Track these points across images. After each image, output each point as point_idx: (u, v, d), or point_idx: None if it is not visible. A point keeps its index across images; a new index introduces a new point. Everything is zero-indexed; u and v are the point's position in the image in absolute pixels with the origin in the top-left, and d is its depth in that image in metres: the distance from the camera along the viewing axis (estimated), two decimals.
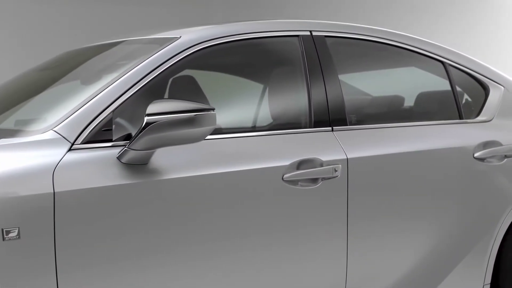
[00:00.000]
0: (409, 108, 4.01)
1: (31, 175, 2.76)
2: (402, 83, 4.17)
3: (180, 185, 3.03)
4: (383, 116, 3.90)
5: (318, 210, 3.34)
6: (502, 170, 3.88)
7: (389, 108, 4.00)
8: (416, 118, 3.93)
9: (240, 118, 3.54)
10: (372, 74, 4.11)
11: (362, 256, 3.45)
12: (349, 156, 3.44)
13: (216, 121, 2.93)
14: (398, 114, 3.95)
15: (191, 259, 3.05)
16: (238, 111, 3.54)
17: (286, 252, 3.26)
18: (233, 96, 3.56)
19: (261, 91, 3.81)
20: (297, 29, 3.62)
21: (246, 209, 3.17)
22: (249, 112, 3.58)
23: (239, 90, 3.60)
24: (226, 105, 3.49)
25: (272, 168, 3.24)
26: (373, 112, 3.91)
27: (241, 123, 3.53)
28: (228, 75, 3.70)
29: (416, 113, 4.01)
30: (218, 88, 3.54)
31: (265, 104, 3.66)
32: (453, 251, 3.72)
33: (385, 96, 4.07)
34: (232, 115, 3.51)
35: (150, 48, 3.32)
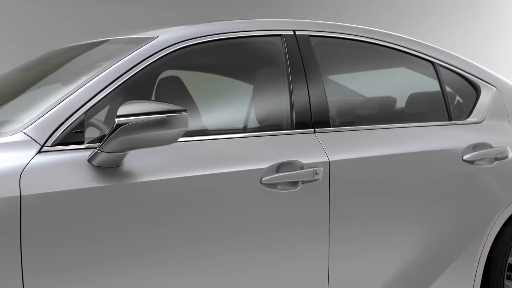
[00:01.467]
0: (397, 110, 3.92)
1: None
2: (390, 84, 4.08)
3: (153, 189, 2.96)
4: (369, 117, 3.81)
5: (299, 214, 3.26)
6: (492, 173, 3.78)
7: (376, 109, 3.91)
8: (404, 120, 3.84)
9: (219, 120, 3.46)
10: (359, 74, 4.02)
11: (344, 260, 3.37)
12: (331, 158, 3.35)
13: (188, 122, 2.86)
14: (385, 116, 3.86)
15: (164, 263, 2.98)
16: (217, 112, 3.46)
17: (264, 256, 3.18)
18: (211, 97, 3.49)
19: (241, 92, 3.74)
20: (279, 28, 3.54)
21: (222, 212, 3.09)
22: (228, 113, 3.50)
23: (217, 91, 3.53)
24: (204, 106, 3.42)
25: (250, 171, 3.16)
26: (358, 113, 3.83)
27: (220, 124, 3.45)
28: (207, 76, 3.62)
29: (404, 114, 3.92)
30: (196, 88, 3.47)
31: (245, 105, 3.59)
32: (442, 255, 3.63)
33: (372, 98, 3.98)
34: (210, 117, 3.43)
35: (127, 48, 3.26)
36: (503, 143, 3.85)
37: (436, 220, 3.61)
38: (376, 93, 3.98)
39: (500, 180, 3.79)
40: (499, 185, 3.79)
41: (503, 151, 3.82)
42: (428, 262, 3.59)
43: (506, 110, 3.98)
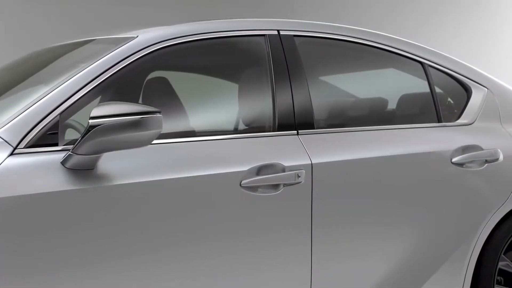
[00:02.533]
0: (384, 111, 3.84)
1: None
2: (378, 85, 4.00)
3: (128, 191, 2.91)
4: (355, 119, 3.74)
5: (280, 217, 3.19)
6: (482, 175, 3.70)
7: (363, 111, 3.84)
8: (392, 122, 3.76)
9: (199, 121, 3.40)
10: (346, 75, 3.94)
11: (328, 263, 3.30)
12: (314, 161, 3.28)
13: (162, 124, 2.80)
14: (372, 118, 3.78)
15: (140, 267, 2.93)
16: (196, 114, 3.40)
17: (244, 259, 3.12)
18: (192, 98, 3.42)
19: (223, 93, 3.68)
20: (263, 28, 3.47)
21: (200, 216, 3.03)
22: (208, 115, 3.43)
23: (198, 92, 3.46)
24: (184, 108, 3.36)
25: (229, 174, 3.10)
26: (344, 115, 3.76)
27: (200, 126, 3.39)
28: (187, 76, 3.56)
29: (392, 116, 3.84)
30: (176, 90, 3.41)
31: (226, 107, 3.53)
32: (430, 258, 3.55)
33: (359, 99, 3.90)
34: (190, 118, 3.37)
35: (106, 48, 3.20)
36: (494, 145, 3.77)
37: (424, 223, 3.53)
38: (363, 94, 3.91)
39: (490, 183, 3.71)
40: (489, 188, 3.71)
41: (493, 153, 3.73)
42: (416, 266, 3.52)
43: (497, 112, 3.90)
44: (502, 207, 3.70)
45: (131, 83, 3.56)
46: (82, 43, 3.55)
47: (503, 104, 3.94)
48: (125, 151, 2.91)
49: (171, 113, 3.31)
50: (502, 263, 3.75)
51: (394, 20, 9.18)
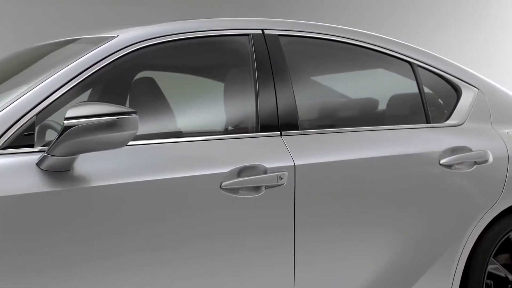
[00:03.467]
0: (371, 112, 3.78)
1: None
2: (365, 85, 3.94)
3: (106, 194, 2.86)
4: (341, 120, 3.68)
5: (262, 219, 3.14)
6: (471, 177, 3.63)
7: (349, 112, 3.78)
8: (379, 123, 3.69)
9: (179, 122, 3.35)
10: (332, 75, 3.88)
11: (311, 265, 3.25)
12: (297, 162, 3.23)
13: (138, 125, 2.76)
14: (358, 119, 3.72)
15: (119, 271, 2.88)
16: (177, 114, 3.35)
17: (224, 262, 3.07)
18: (172, 98, 3.37)
19: (204, 94, 3.62)
20: (247, 27, 3.42)
21: (179, 218, 2.99)
22: (189, 115, 3.38)
23: (179, 92, 3.41)
24: (163, 108, 3.31)
25: (209, 176, 3.05)
26: (330, 116, 3.70)
27: (180, 127, 3.34)
28: (168, 76, 3.51)
29: (379, 117, 3.78)
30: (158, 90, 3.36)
31: (208, 108, 3.47)
32: (417, 261, 3.50)
33: (345, 100, 3.84)
34: (169, 119, 3.32)
35: (86, 48, 3.16)
36: (484, 146, 3.71)
37: (411, 226, 3.47)
38: (350, 95, 3.85)
39: (480, 185, 3.65)
40: (478, 190, 3.64)
41: (483, 155, 3.67)
42: (402, 269, 3.46)
43: (488, 112, 3.84)
44: (491, 209, 3.64)
45: (111, 82, 3.52)
46: (65, 43, 3.51)
47: (493, 104, 3.87)
48: (103, 152, 2.86)
49: (154, 114, 3.27)
50: (491, 266, 3.69)
51: (394, 21, 9.12)
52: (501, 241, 3.71)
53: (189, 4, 8.32)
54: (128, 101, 3.48)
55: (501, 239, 3.70)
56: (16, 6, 7.43)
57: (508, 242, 3.74)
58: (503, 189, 3.67)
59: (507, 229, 3.72)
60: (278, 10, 8.69)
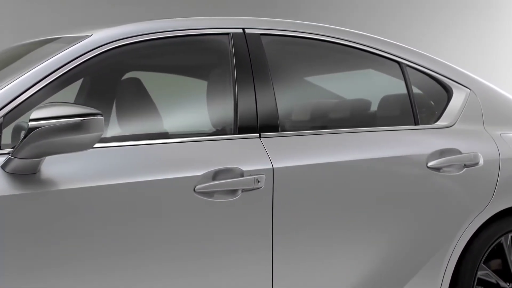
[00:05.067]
0: (356, 114, 3.68)
1: None
2: (351, 86, 3.84)
3: (74, 197, 2.79)
4: (324, 122, 3.59)
5: (238, 223, 3.05)
6: (460, 180, 3.52)
7: (333, 113, 3.67)
8: (363, 124, 3.58)
9: (153, 123, 3.26)
10: (316, 76, 3.77)
11: (290, 270, 3.16)
12: (276, 165, 3.14)
13: (103, 127, 2.69)
14: (342, 120, 3.62)
15: (84, 276, 2.80)
16: (151, 116, 3.27)
17: (198, 266, 2.99)
18: (146, 99, 3.29)
19: (182, 94, 3.53)
20: (227, 26, 3.33)
21: (151, 222, 2.91)
22: (164, 116, 3.30)
23: (155, 93, 3.32)
24: (137, 109, 3.24)
25: (181, 179, 2.97)
26: (312, 117, 3.59)
27: (155, 128, 3.25)
28: (144, 76, 3.43)
29: (363, 118, 3.67)
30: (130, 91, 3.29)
31: (185, 108, 3.39)
32: (403, 266, 3.39)
33: (329, 101, 3.74)
34: (143, 120, 3.24)
35: (58, 47, 3.09)
36: (474, 148, 3.59)
37: (396, 230, 3.37)
38: (334, 96, 3.75)
39: (469, 188, 3.54)
40: (467, 194, 3.53)
41: (473, 157, 3.56)
42: (387, 274, 3.36)
43: (480, 113, 3.72)
44: (481, 214, 3.53)
45: (86, 82, 3.45)
46: (43, 42, 3.44)
47: (486, 105, 3.76)
48: (73, 154, 2.80)
49: (128, 115, 3.20)
50: (481, 272, 3.57)
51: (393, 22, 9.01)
52: (492, 246, 3.59)
53: (194, 4, 8.26)
54: (115, 103, 3.40)
55: (492, 244, 3.59)
56: (17, 5, 7.40)
57: (500, 247, 3.63)
58: (494, 193, 3.56)
59: (498, 234, 3.60)
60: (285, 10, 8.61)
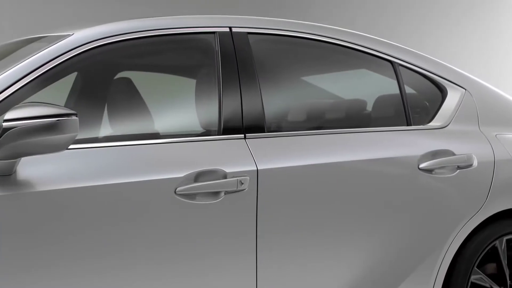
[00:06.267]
0: (344, 114, 3.60)
1: None
2: (341, 86, 3.76)
3: (50, 199, 2.74)
4: (311, 122, 3.51)
5: (221, 225, 2.99)
6: (453, 182, 3.44)
7: (321, 114, 3.59)
8: (353, 125, 3.49)
9: (136, 123, 3.21)
10: (304, 75, 3.69)
11: (275, 272, 3.09)
12: (260, 167, 3.08)
13: (78, 127, 2.64)
14: (331, 121, 3.54)
15: (61, 278, 2.75)
16: (134, 116, 3.21)
17: (179, 269, 2.94)
18: (128, 99, 3.24)
19: (165, 94, 3.47)
20: (213, 25, 3.27)
21: (130, 225, 2.86)
22: (147, 116, 3.24)
23: (136, 93, 3.27)
24: (118, 109, 3.19)
25: (162, 180, 2.91)
26: (300, 118, 3.52)
27: (137, 129, 3.20)
28: (127, 76, 3.37)
29: (354, 119, 3.59)
30: (113, 90, 3.23)
31: (168, 108, 3.33)
32: (394, 270, 3.32)
33: (317, 101, 3.67)
34: (124, 120, 3.19)
35: (40, 46, 3.04)
36: (469, 150, 3.51)
37: (386, 233, 3.30)
38: (323, 96, 3.67)
39: (462, 191, 3.45)
40: (461, 196, 3.45)
41: (466, 159, 3.47)
42: (377, 278, 3.29)
43: (475, 114, 3.63)
44: (474, 217, 3.45)
45: (76, 82, 3.41)
46: (27, 41, 3.40)
47: (482, 105, 3.67)
48: (50, 155, 2.75)
49: (113, 115, 3.16)
50: (475, 276, 3.49)
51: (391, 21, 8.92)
52: (486, 249, 3.51)
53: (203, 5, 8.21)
54: (106, 104, 3.35)
55: (486, 248, 3.50)
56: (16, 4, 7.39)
57: (495, 251, 3.54)
58: (488, 195, 3.47)
59: (493, 237, 3.52)
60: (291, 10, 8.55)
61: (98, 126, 3.15)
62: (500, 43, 9.22)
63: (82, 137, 2.95)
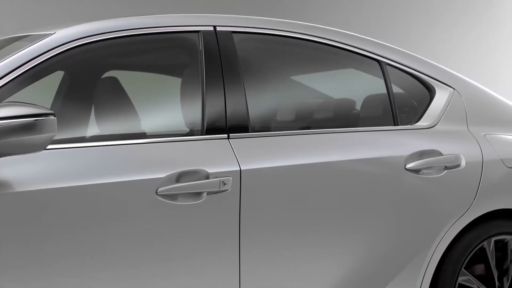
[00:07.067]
0: (331, 114, 3.56)
1: None
2: (327, 85, 3.73)
3: (30, 200, 2.71)
4: (297, 122, 3.48)
5: (203, 226, 2.97)
6: (440, 183, 3.40)
7: (306, 113, 3.56)
8: (339, 125, 3.45)
9: (118, 124, 3.18)
10: (290, 75, 3.66)
11: (258, 273, 3.07)
12: (244, 167, 3.05)
13: (56, 127, 2.61)
14: (316, 120, 3.51)
15: (40, 280, 2.73)
16: (115, 116, 3.18)
17: (160, 270, 2.91)
18: (112, 98, 3.21)
19: (148, 94, 3.44)
20: (197, 24, 3.24)
21: (111, 226, 2.83)
22: (129, 116, 3.21)
23: (119, 92, 3.24)
24: (101, 109, 3.16)
25: (143, 181, 2.88)
26: (285, 118, 3.49)
27: (119, 129, 3.17)
28: (109, 75, 3.35)
29: (340, 119, 3.56)
30: (96, 90, 3.21)
31: (150, 108, 3.30)
32: (379, 271, 3.29)
33: (302, 101, 3.63)
34: (107, 120, 3.16)
35: (20, 45, 3.02)
36: (456, 150, 3.47)
37: (371, 234, 3.27)
38: (309, 96, 3.64)
39: (450, 191, 3.42)
40: (448, 196, 3.41)
41: (454, 159, 3.44)
42: (363, 278, 3.26)
43: (464, 113, 3.60)
44: (462, 217, 3.41)
45: (63, 81, 3.39)
46: (11, 40, 3.37)
47: (471, 105, 3.63)
48: (28, 155, 2.72)
49: (95, 114, 3.13)
50: (462, 278, 3.45)
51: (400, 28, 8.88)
52: (474, 251, 3.47)
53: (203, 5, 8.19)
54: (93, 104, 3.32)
55: (474, 249, 3.47)
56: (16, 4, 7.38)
57: (483, 252, 3.50)
58: (476, 196, 3.44)
59: (481, 238, 3.48)
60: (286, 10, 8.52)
61: (81, 126, 3.12)
62: (497, 44, 9.18)
63: (65, 136, 2.92)
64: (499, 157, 3.52)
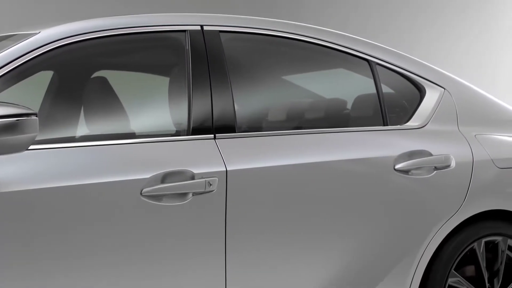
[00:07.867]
0: (319, 114, 3.54)
1: None
2: (315, 85, 3.70)
3: (12, 200, 2.69)
4: (284, 123, 3.45)
5: (188, 227, 2.94)
6: (430, 183, 3.38)
7: (295, 114, 3.53)
8: (328, 125, 3.42)
9: (103, 124, 3.15)
10: (278, 75, 3.63)
11: (245, 274, 3.05)
12: (230, 168, 3.02)
13: (38, 127, 2.59)
14: (305, 121, 3.48)
15: (24, 281, 2.71)
16: (100, 116, 3.16)
17: (145, 271, 2.88)
18: (95, 99, 3.19)
19: (133, 94, 3.42)
20: (184, 23, 3.22)
21: (94, 227, 2.81)
22: (114, 116, 3.18)
23: (105, 92, 3.21)
24: (89, 109, 3.14)
25: (127, 182, 2.86)
26: (273, 118, 3.46)
27: (103, 129, 3.14)
28: (95, 75, 3.33)
29: (328, 119, 3.53)
30: (80, 89, 3.18)
31: (135, 108, 3.28)
32: (368, 273, 3.26)
33: (290, 101, 3.60)
34: (93, 120, 3.14)
35: (4, 45, 2.99)
36: (446, 150, 3.44)
37: (359, 235, 3.24)
38: (297, 95, 3.61)
39: (439, 192, 3.39)
40: (438, 197, 3.38)
41: (443, 159, 3.41)
42: (351, 280, 3.23)
43: (455, 113, 3.57)
44: (452, 218, 3.39)
45: (52, 81, 3.37)
46: None
47: (462, 105, 3.60)
48: (10, 156, 2.70)
49: (76, 114, 3.11)
50: (452, 279, 3.42)
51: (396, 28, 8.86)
52: (464, 252, 3.44)
53: None
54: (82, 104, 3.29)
55: (464, 250, 3.44)
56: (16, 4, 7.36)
57: (473, 254, 3.48)
58: (466, 197, 3.41)
59: (471, 239, 3.45)
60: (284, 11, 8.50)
61: (69, 126, 3.10)
62: (494, 44, 9.15)
63: (54, 136, 2.90)
64: (490, 158, 3.50)
